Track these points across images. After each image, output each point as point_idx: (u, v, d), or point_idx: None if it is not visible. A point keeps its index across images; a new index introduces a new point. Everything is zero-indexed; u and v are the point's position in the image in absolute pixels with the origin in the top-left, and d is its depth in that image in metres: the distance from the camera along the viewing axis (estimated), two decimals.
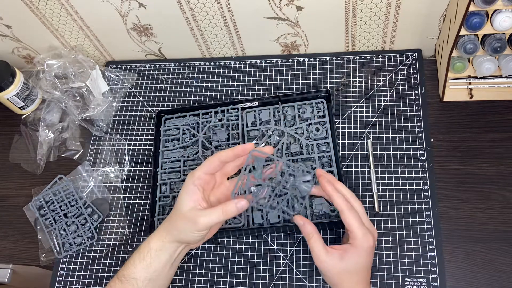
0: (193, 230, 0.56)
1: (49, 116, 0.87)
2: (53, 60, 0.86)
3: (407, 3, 0.72)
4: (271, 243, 0.70)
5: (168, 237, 0.58)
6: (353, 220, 0.56)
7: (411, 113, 0.76)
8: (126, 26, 0.84)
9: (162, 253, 0.58)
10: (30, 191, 0.81)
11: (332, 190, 0.57)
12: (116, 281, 0.57)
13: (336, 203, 0.57)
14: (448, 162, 0.72)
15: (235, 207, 0.56)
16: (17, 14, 0.84)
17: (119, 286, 0.57)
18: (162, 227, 0.59)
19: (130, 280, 0.57)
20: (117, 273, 0.58)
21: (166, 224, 0.59)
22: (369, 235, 0.56)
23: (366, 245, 0.55)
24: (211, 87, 0.86)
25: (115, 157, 0.82)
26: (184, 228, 0.56)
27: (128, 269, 0.57)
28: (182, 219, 0.56)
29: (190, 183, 0.58)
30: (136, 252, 0.58)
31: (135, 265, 0.57)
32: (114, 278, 0.58)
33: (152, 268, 0.57)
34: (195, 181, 0.58)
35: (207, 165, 0.59)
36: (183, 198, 0.58)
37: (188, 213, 0.56)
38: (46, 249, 0.75)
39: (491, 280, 0.63)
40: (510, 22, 0.62)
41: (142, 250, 0.58)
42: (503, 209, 0.67)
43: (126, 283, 0.57)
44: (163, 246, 0.58)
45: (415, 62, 0.80)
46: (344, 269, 0.56)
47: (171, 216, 0.58)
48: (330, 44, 0.84)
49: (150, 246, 0.58)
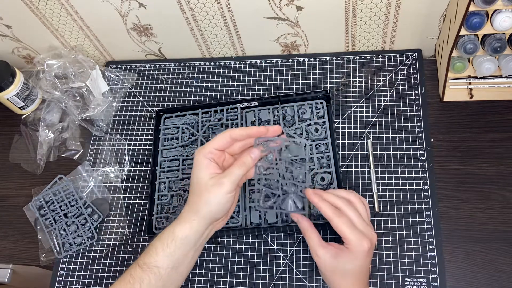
0: (223, 193, 0.55)
1: (49, 116, 0.87)
2: (53, 60, 0.86)
3: (407, 3, 0.72)
4: (271, 243, 0.70)
5: (198, 218, 0.56)
6: (343, 226, 0.55)
7: (411, 113, 0.76)
8: (126, 26, 0.85)
9: (188, 240, 0.56)
10: (30, 191, 0.81)
11: (319, 200, 0.57)
12: (137, 269, 0.55)
13: (323, 213, 0.56)
14: (448, 162, 0.72)
15: (249, 157, 0.57)
16: (17, 14, 0.84)
17: (140, 273, 0.55)
18: (186, 211, 0.57)
19: (152, 268, 0.55)
20: (137, 260, 0.56)
21: (190, 207, 0.57)
22: (363, 239, 0.55)
23: (360, 249, 0.55)
24: (211, 87, 0.86)
25: (115, 157, 0.82)
26: (213, 198, 0.55)
27: (150, 256, 0.55)
28: (208, 191, 0.55)
29: (202, 157, 0.57)
30: (157, 240, 0.56)
31: (157, 253, 0.55)
32: (135, 265, 0.56)
33: (176, 255, 0.55)
34: (206, 154, 0.56)
35: (218, 140, 0.57)
36: (199, 172, 0.56)
37: (211, 181, 0.55)
38: (46, 249, 0.76)
39: (491, 280, 0.63)
40: (510, 22, 0.62)
41: (165, 237, 0.56)
42: (503, 209, 0.67)
43: (148, 271, 0.55)
44: (190, 231, 0.56)
45: (415, 62, 0.80)
46: (337, 268, 0.56)
47: (193, 197, 0.57)
48: (330, 44, 0.84)
49: (175, 234, 0.55)
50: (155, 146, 0.78)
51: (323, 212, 0.56)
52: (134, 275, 0.55)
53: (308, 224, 0.59)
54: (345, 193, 0.60)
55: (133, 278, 0.55)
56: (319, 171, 0.69)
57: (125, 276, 0.56)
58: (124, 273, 0.57)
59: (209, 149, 0.57)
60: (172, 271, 0.56)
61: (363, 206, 0.59)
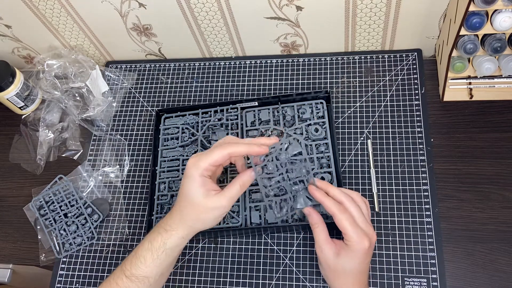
0: (220, 215, 0.55)
1: (49, 116, 0.87)
2: (53, 60, 0.86)
3: (407, 3, 0.72)
4: (271, 243, 0.70)
5: (191, 232, 0.56)
6: (346, 222, 0.55)
7: (411, 113, 0.76)
8: (126, 26, 0.85)
9: (178, 248, 0.57)
10: (30, 191, 0.81)
11: (322, 195, 0.57)
12: (124, 279, 0.55)
13: (326, 208, 0.57)
14: (448, 162, 0.72)
15: (249, 175, 0.57)
16: (17, 14, 0.84)
17: (128, 283, 0.55)
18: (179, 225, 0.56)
19: (141, 278, 0.55)
20: (123, 271, 0.56)
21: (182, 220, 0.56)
22: (364, 237, 0.55)
23: (361, 248, 0.55)
24: (211, 87, 0.86)
25: (115, 157, 0.82)
26: (209, 218, 0.55)
27: (138, 268, 0.55)
28: (205, 211, 0.55)
29: (197, 175, 0.55)
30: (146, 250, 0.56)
31: (146, 265, 0.55)
32: (120, 275, 0.56)
33: (165, 264, 0.57)
34: (203, 172, 0.55)
35: (216, 156, 0.55)
36: (195, 190, 0.55)
37: (209, 203, 0.55)
38: (46, 249, 0.76)
39: (491, 280, 0.63)
40: (510, 22, 0.62)
41: (156, 249, 0.56)
42: (503, 209, 0.67)
43: (137, 282, 0.55)
44: (182, 242, 0.57)
45: (415, 62, 0.80)
46: (338, 265, 0.56)
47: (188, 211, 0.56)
48: (330, 44, 0.84)
49: (166, 246, 0.56)
50: (155, 146, 0.78)
51: (326, 206, 0.57)
52: (121, 285, 0.55)
53: (319, 218, 0.59)
54: (348, 191, 0.60)
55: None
56: (319, 171, 0.69)
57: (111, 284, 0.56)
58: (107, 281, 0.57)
59: (205, 165, 0.55)
60: (161, 277, 0.57)
61: (364, 205, 0.60)
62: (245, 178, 0.56)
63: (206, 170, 0.55)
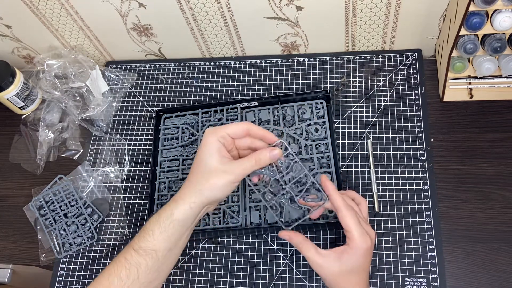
0: (230, 182, 0.54)
1: (49, 116, 0.87)
2: (53, 60, 0.86)
3: (407, 3, 0.72)
4: (271, 243, 0.70)
5: (198, 200, 0.54)
6: (350, 219, 0.55)
7: (411, 113, 0.76)
8: (126, 26, 0.85)
9: (186, 222, 0.55)
10: (30, 191, 0.81)
11: (332, 189, 0.58)
12: (132, 253, 0.54)
13: (333, 201, 0.57)
14: (448, 162, 0.72)
15: (268, 155, 0.55)
16: (17, 14, 0.84)
17: (136, 258, 0.53)
18: (187, 190, 0.55)
19: (149, 252, 0.54)
20: (131, 244, 0.55)
21: (191, 186, 0.55)
22: (366, 236, 0.55)
23: (364, 246, 0.55)
24: (211, 87, 0.86)
25: (115, 157, 0.82)
26: (220, 183, 0.54)
27: (146, 240, 0.54)
28: (216, 175, 0.54)
29: (215, 140, 0.54)
30: (154, 222, 0.55)
31: (154, 237, 0.54)
32: (129, 249, 0.54)
33: (174, 238, 0.54)
34: (219, 138, 0.55)
35: (234, 127, 0.55)
36: (209, 154, 0.54)
37: (222, 167, 0.54)
38: (46, 249, 0.76)
39: (491, 280, 0.63)
40: (510, 22, 0.62)
41: (162, 220, 0.54)
42: (503, 209, 0.67)
43: (144, 255, 0.53)
44: (190, 213, 0.54)
45: (415, 62, 0.80)
46: (342, 270, 0.56)
47: (197, 176, 0.55)
48: (330, 44, 0.84)
49: (173, 217, 0.54)
50: (155, 146, 0.78)
51: (333, 200, 0.57)
52: (129, 259, 0.53)
53: (301, 238, 0.58)
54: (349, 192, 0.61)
55: (128, 262, 0.53)
56: (319, 171, 0.69)
57: (119, 260, 0.54)
58: (116, 258, 0.55)
59: (223, 133, 0.55)
60: (168, 253, 0.55)
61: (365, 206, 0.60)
62: (262, 155, 0.55)
63: (223, 137, 0.55)
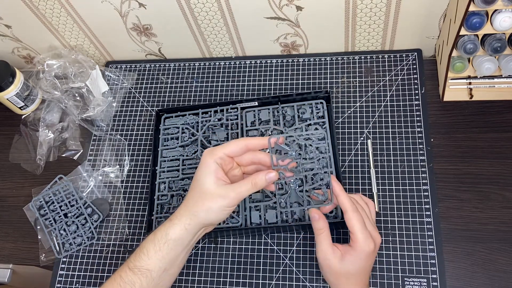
0: (224, 206, 0.54)
1: (49, 116, 0.87)
2: (53, 60, 0.86)
3: (407, 3, 0.72)
4: (271, 243, 0.70)
5: (193, 222, 0.54)
6: (356, 222, 0.56)
7: (411, 113, 0.76)
8: (126, 26, 0.85)
9: (181, 242, 0.55)
10: (30, 191, 0.81)
11: (340, 189, 0.58)
12: (128, 272, 0.54)
13: (341, 202, 0.57)
14: (448, 162, 0.72)
15: (264, 178, 0.55)
16: (17, 14, 0.84)
17: (131, 276, 0.54)
18: (183, 211, 0.55)
19: (144, 271, 0.54)
20: (127, 263, 0.55)
21: (188, 207, 0.55)
22: (370, 239, 0.56)
23: (366, 249, 0.55)
24: (211, 87, 0.86)
25: (115, 157, 0.82)
26: (214, 206, 0.54)
27: (141, 260, 0.54)
28: (211, 198, 0.54)
29: (212, 161, 0.55)
30: (149, 242, 0.55)
31: (149, 256, 0.54)
32: (124, 268, 0.55)
33: (168, 258, 0.54)
34: (217, 159, 0.55)
35: (232, 147, 0.56)
36: (206, 176, 0.55)
37: (217, 190, 0.54)
38: (46, 249, 0.76)
39: (491, 280, 0.63)
40: (510, 22, 0.62)
41: (157, 239, 0.54)
42: (503, 209, 0.67)
43: (139, 274, 0.54)
44: (184, 234, 0.54)
45: (415, 62, 0.80)
46: (342, 270, 0.56)
47: (194, 199, 0.55)
48: (330, 44, 0.84)
49: (168, 236, 0.54)
50: (155, 146, 0.78)
51: (341, 201, 0.57)
52: (124, 278, 0.54)
53: (325, 224, 0.58)
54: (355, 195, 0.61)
55: (123, 281, 0.54)
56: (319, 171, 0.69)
57: (115, 278, 0.55)
58: (113, 275, 0.55)
59: (220, 154, 0.55)
60: (164, 273, 0.55)
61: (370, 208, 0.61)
62: (258, 179, 0.55)
63: (221, 158, 0.55)
